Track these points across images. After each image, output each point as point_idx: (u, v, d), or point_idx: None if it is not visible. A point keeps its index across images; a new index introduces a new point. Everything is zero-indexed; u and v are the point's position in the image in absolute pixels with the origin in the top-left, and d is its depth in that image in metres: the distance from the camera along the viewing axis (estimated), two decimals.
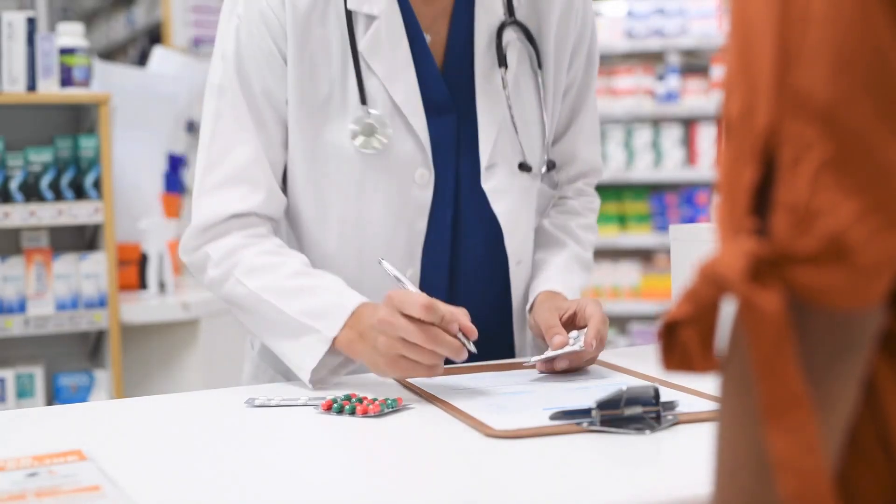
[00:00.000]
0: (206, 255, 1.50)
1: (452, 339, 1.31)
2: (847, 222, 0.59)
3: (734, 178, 0.63)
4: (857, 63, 0.60)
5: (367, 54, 1.48)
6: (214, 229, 1.50)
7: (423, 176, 1.51)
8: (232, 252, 1.48)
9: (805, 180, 0.60)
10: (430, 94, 1.52)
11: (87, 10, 8.12)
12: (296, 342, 1.43)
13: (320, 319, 1.41)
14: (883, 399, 0.66)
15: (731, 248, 0.62)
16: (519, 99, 1.56)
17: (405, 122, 1.49)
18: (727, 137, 0.65)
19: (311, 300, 1.43)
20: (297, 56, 1.47)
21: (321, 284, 1.45)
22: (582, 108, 1.66)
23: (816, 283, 0.60)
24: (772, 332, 0.60)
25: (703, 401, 1.28)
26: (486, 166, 1.54)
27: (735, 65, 0.65)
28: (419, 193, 1.51)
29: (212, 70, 1.52)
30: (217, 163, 1.50)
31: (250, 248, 1.48)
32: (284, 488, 1.05)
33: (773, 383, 0.60)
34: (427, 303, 1.30)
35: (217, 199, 1.50)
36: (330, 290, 1.44)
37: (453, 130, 1.54)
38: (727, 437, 0.65)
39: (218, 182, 1.50)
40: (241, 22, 1.49)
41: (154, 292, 3.26)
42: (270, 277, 1.45)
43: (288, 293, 1.44)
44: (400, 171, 1.50)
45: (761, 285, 0.60)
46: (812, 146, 0.60)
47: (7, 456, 1.11)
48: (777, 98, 0.61)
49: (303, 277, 1.46)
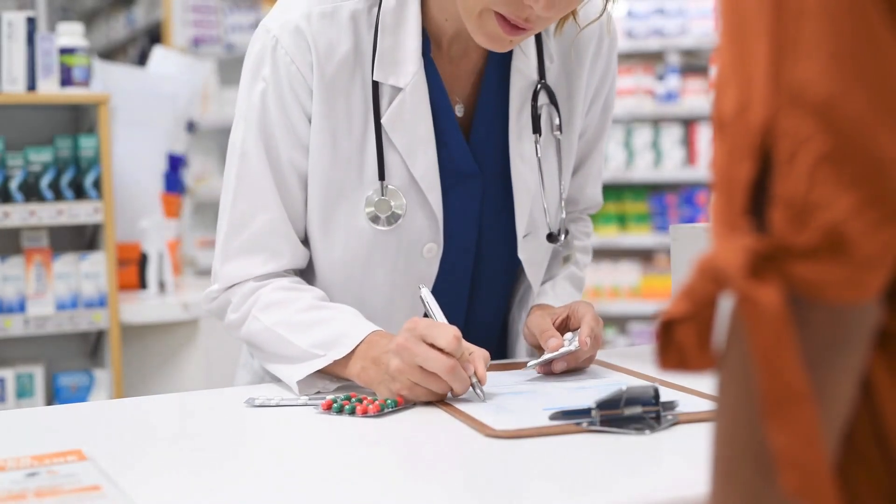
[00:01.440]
0: (227, 301, 1.50)
1: (466, 377, 1.30)
2: (845, 216, 0.59)
3: (730, 174, 0.63)
4: (852, 56, 0.60)
5: (390, 127, 1.45)
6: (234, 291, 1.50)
7: (431, 250, 1.49)
8: (249, 293, 1.47)
9: (802, 174, 0.60)
10: (452, 164, 1.50)
11: (87, 10, 8.12)
12: (296, 365, 1.42)
13: (328, 349, 1.39)
14: (879, 396, 0.67)
15: (729, 243, 0.62)
16: (546, 161, 1.55)
17: (421, 195, 1.47)
18: (721, 133, 0.64)
19: (321, 332, 1.41)
20: (321, 122, 1.44)
21: (333, 316, 1.43)
22: (594, 152, 1.66)
23: (815, 277, 0.60)
24: (771, 326, 0.60)
25: (703, 401, 1.28)
26: (524, 235, 1.53)
27: (729, 60, 0.65)
28: (425, 268, 1.50)
29: (235, 130, 1.49)
30: (240, 228, 1.48)
31: (267, 286, 1.47)
32: (284, 488, 1.05)
33: (774, 378, 0.60)
34: (458, 335, 1.30)
35: (239, 265, 1.49)
36: (341, 320, 1.42)
37: (478, 199, 1.52)
38: (726, 432, 0.65)
39: (239, 249, 1.49)
40: (267, 86, 1.45)
41: (154, 292, 3.26)
42: (285, 312, 1.44)
43: (299, 326, 1.43)
44: (409, 244, 1.48)
45: (760, 280, 0.60)
46: (809, 140, 0.60)
47: (7, 456, 1.11)
48: (773, 92, 0.61)
49: (316, 311, 1.44)
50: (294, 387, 1.40)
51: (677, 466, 1.11)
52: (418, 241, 1.48)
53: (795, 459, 0.60)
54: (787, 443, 0.60)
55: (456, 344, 1.29)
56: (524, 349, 1.62)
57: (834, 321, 0.61)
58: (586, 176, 1.67)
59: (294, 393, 1.41)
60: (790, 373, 0.60)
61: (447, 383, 1.29)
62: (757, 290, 0.60)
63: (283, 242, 1.48)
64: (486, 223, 1.54)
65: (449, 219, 1.50)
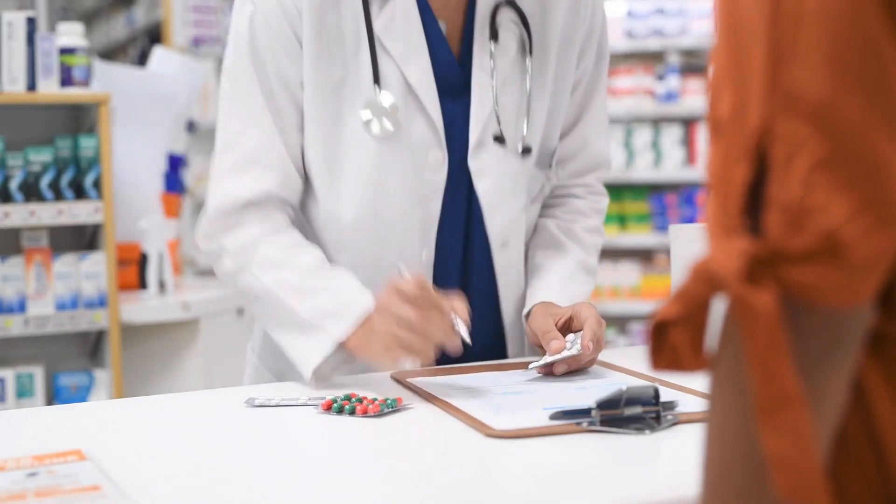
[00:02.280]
0: (223, 247, 1.50)
1: (444, 324, 1.32)
2: (840, 220, 0.59)
3: (726, 177, 0.63)
4: (849, 60, 0.60)
5: (383, 34, 1.48)
6: (231, 217, 1.50)
7: (437, 159, 1.51)
8: (249, 245, 1.48)
9: (798, 179, 0.60)
10: (444, 77, 1.52)
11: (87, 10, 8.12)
12: (303, 339, 1.44)
13: (330, 319, 1.42)
14: (871, 399, 0.67)
15: (724, 247, 0.62)
16: (507, 80, 1.54)
17: (419, 104, 1.49)
18: (717, 136, 0.64)
19: (324, 299, 1.44)
20: (313, 40, 1.47)
21: (335, 284, 1.46)
22: (591, 103, 1.66)
23: (810, 281, 0.60)
24: (766, 330, 0.60)
25: (704, 401, 1.28)
26: (475, 145, 1.52)
27: (725, 63, 0.65)
28: (432, 176, 1.51)
29: (226, 55, 1.53)
30: (230, 146, 1.50)
31: (268, 243, 1.48)
32: (284, 488, 1.05)
33: (767, 381, 0.60)
34: (423, 281, 1.34)
35: (231, 184, 1.50)
36: (343, 290, 1.45)
37: (466, 114, 1.53)
38: (718, 434, 0.65)
39: (231, 166, 1.50)
40: (255, 8, 1.48)
41: (154, 292, 3.26)
42: (286, 273, 1.46)
43: (302, 291, 1.45)
44: (413, 154, 1.50)
45: (755, 284, 0.60)
46: (805, 144, 0.60)
47: (7, 456, 1.11)
48: (769, 96, 0.61)
49: (318, 275, 1.46)
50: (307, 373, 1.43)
51: (677, 466, 1.11)
52: (421, 148, 1.50)
53: (787, 462, 0.60)
54: (779, 445, 0.60)
55: (419, 289, 1.32)
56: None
57: (828, 324, 0.62)
58: (587, 126, 1.66)
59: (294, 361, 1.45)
60: (783, 376, 0.60)
61: (426, 337, 1.32)
62: (752, 293, 0.60)
63: (273, 157, 1.49)
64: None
65: (448, 130, 1.51)
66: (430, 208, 1.51)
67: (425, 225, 1.51)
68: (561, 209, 1.70)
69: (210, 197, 1.52)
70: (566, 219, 1.69)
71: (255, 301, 1.50)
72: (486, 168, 1.53)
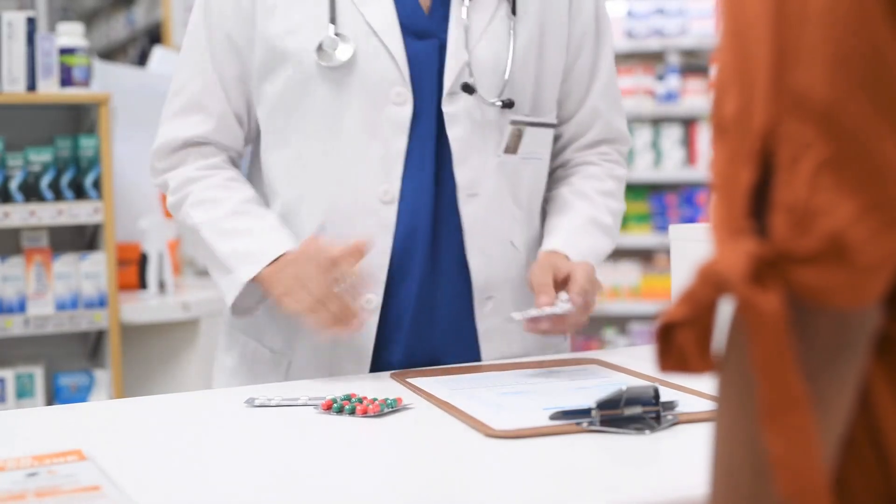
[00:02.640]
0: (167, 183, 1.63)
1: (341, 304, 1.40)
2: (846, 222, 0.59)
3: (731, 179, 0.63)
4: (854, 61, 0.60)
5: None
6: (173, 157, 1.62)
7: (400, 94, 1.52)
8: (186, 182, 1.60)
9: (804, 180, 0.60)
10: (409, 20, 1.53)
11: (87, 10, 8.13)
12: (222, 277, 1.56)
13: (241, 262, 1.52)
14: (874, 400, 0.67)
15: (730, 249, 0.62)
16: (491, 37, 1.55)
17: (380, 42, 1.51)
18: (721, 138, 0.64)
19: (239, 242, 1.54)
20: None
21: (254, 226, 1.55)
22: (598, 77, 1.66)
23: (816, 283, 0.60)
24: (772, 332, 0.60)
25: (703, 401, 1.28)
26: (449, 92, 1.53)
27: (730, 65, 0.64)
28: (395, 110, 1.51)
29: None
30: (177, 93, 1.63)
31: (202, 180, 1.60)
32: (284, 488, 1.05)
33: (773, 384, 0.60)
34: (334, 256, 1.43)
35: (173, 126, 1.62)
36: (258, 234, 1.54)
37: (435, 56, 1.54)
38: (724, 436, 0.66)
39: (175, 110, 1.63)
40: None
41: (154, 292, 3.26)
42: (211, 213, 1.57)
43: (221, 232, 1.56)
44: (374, 88, 1.51)
45: (761, 286, 0.60)
46: (810, 146, 0.60)
47: (7, 456, 1.11)
48: (775, 98, 0.61)
49: (239, 217, 1.56)
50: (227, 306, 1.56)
51: (677, 466, 1.11)
52: (383, 83, 1.51)
53: (791, 464, 0.60)
54: (783, 448, 0.60)
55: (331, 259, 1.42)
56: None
57: (835, 326, 0.62)
58: (599, 103, 1.67)
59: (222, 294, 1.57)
60: (788, 379, 0.60)
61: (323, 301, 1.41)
62: (758, 295, 0.60)
63: (212, 104, 1.60)
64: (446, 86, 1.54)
65: (414, 70, 1.52)
66: (393, 146, 1.52)
67: (387, 162, 1.52)
68: (576, 176, 1.69)
69: (158, 136, 1.64)
70: (579, 184, 1.68)
71: (194, 235, 1.60)
72: (459, 115, 1.53)
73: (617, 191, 1.71)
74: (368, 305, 1.52)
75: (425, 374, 1.48)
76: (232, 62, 1.58)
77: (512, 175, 1.59)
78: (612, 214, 1.68)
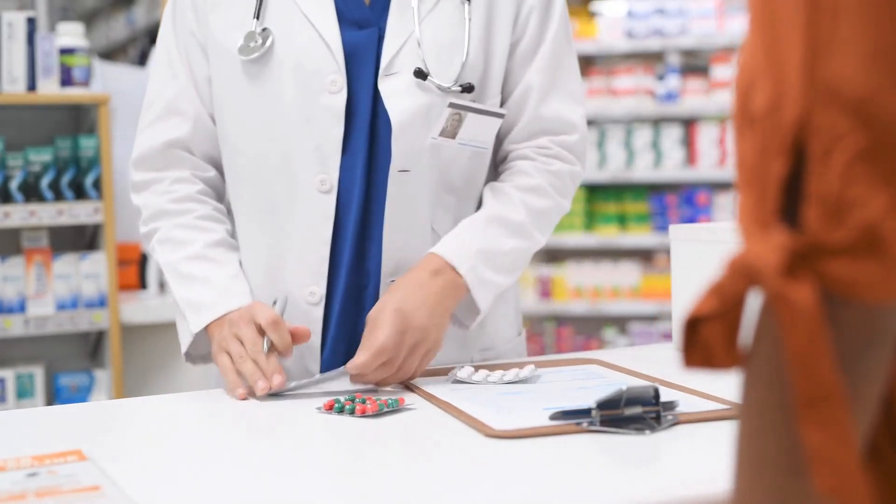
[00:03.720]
0: (139, 209, 1.61)
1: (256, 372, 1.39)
2: (880, 214, 0.58)
3: (761, 172, 0.62)
4: (888, 53, 0.59)
5: None
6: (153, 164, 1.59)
7: (336, 83, 1.50)
8: (157, 215, 1.58)
9: (837, 172, 0.59)
10: (347, 11, 1.52)
11: (87, 10, 8.13)
12: (180, 320, 1.56)
13: (193, 312, 1.51)
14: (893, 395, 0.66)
15: (761, 241, 0.61)
16: (438, 23, 1.52)
17: (316, 32, 1.50)
18: (751, 129, 0.63)
19: (194, 290, 1.52)
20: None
21: (211, 276, 1.53)
22: (537, 53, 1.57)
23: (850, 276, 0.59)
24: (806, 325, 0.59)
25: (704, 401, 1.28)
26: (385, 73, 1.50)
27: (760, 57, 0.64)
28: (330, 99, 1.50)
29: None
30: (152, 102, 1.61)
31: (173, 217, 1.57)
32: (284, 488, 1.05)
33: (808, 377, 0.59)
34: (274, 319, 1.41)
35: (149, 134, 1.60)
36: (214, 284, 1.52)
37: (374, 44, 1.52)
38: (752, 432, 0.64)
39: (152, 118, 1.61)
40: None
41: (154, 292, 3.26)
42: (175, 256, 1.55)
43: (180, 277, 1.54)
44: (308, 77, 1.50)
45: (794, 279, 0.59)
46: (844, 137, 0.59)
47: (7, 456, 1.11)
48: (807, 89, 0.60)
49: (199, 263, 1.54)
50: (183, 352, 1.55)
51: (677, 466, 1.11)
52: (318, 73, 1.50)
53: (829, 458, 0.60)
54: (820, 442, 0.60)
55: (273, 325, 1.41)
56: None
57: (867, 320, 0.61)
58: (535, 90, 1.56)
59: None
60: (824, 372, 0.59)
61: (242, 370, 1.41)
62: (791, 287, 0.59)
63: (187, 106, 1.58)
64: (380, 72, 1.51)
65: (350, 58, 1.51)
66: (329, 133, 1.49)
67: (322, 149, 1.49)
68: (506, 173, 1.60)
69: (135, 147, 1.62)
70: (501, 179, 1.59)
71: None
72: (397, 91, 1.50)
73: (547, 187, 1.56)
74: (311, 298, 1.50)
75: (425, 375, 1.48)
76: (201, 63, 1.58)
77: (447, 160, 1.52)
78: (529, 212, 1.54)
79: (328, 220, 1.50)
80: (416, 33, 1.51)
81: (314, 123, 1.50)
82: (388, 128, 1.49)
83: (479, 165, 1.57)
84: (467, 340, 1.58)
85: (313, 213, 1.50)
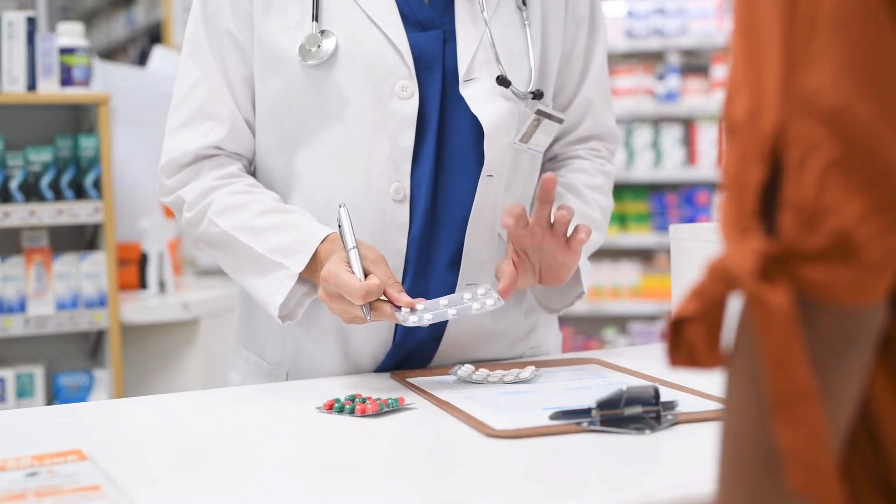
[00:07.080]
0: (181, 199, 1.54)
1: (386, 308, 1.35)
2: (854, 221, 0.60)
3: (741, 178, 0.64)
4: (863, 64, 0.61)
5: None
6: (185, 170, 1.54)
7: (406, 88, 1.47)
8: (204, 194, 1.52)
9: (812, 180, 0.61)
10: (411, 12, 1.50)
11: (87, 10, 8.13)
12: (265, 279, 1.46)
13: (288, 256, 1.44)
14: (873, 396, 0.68)
15: (739, 246, 0.63)
16: (502, 27, 1.52)
17: (383, 35, 1.47)
18: (732, 137, 0.66)
19: (280, 237, 1.46)
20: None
21: (289, 221, 1.47)
22: (591, 71, 1.64)
23: (824, 280, 0.61)
24: (781, 327, 0.61)
25: (704, 400, 1.28)
26: (465, 78, 1.49)
27: (741, 66, 0.66)
28: (402, 105, 1.47)
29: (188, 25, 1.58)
30: (182, 103, 1.55)
31: (222, 189, 1.51)
32: (284, 488, 1.05)
33: (782, 377, 0.61)
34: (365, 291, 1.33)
35: (182, 138, 1.54)
36: (298, 226, 1.46)
37: (439, 47, 1.50)
38: (733, 431, 0.66)
39: (182, 121, 1.55)
40: None
41: (154, 292, 3.26)
42: (241, 217, 1.49)
43: (257, 231, 1.47)
44: (379, 83, 1.47)
45: (770, 282, 0.61)
46: (819, 146, 0.61)
47: (7, 456, 1.11)
48: (784, 99, 0.62)
49: (272, 215, 1.48)
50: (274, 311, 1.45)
51: (677, 466, 1.11)
52: (388, 77, 1.47)
53: (802, 457, 0.61)
54: (793, 441, 0.61)
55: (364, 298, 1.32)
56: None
57: (841, 323, 0.63)
58: (592, 97, 1.65)
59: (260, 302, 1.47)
60: (798, 373, 0.61)
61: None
62: (767, 292, 0.61)
63: (221, 110, 1.53)
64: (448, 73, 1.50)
65: (419, 62, 1.49)
66: (401, 141, 1.47)
67: (395, 157, 1.47)
68: (565, 169, 1.66)
69: (164, 152, 1.56)
70: (569, 177, 1.64)
71: (217, 248, 1.52)
72: (478, 97, 1.50)
73: (606, 187, 1.67)
74: None
75: (425, 374, 1.48)
76: (237, 63, 1.52)
77: (515, 164, 1.56)
78: (600, 210, 1.64)
79: (402, 230, 1.48)
80: (486, 37, 1.50)
81: (384, 130, 1.47)
82: (458, 134, 1.50)
83: (534, 168, 1.61)
84: (519, 339, 1.60)
85: (388, 223, 1.47)
